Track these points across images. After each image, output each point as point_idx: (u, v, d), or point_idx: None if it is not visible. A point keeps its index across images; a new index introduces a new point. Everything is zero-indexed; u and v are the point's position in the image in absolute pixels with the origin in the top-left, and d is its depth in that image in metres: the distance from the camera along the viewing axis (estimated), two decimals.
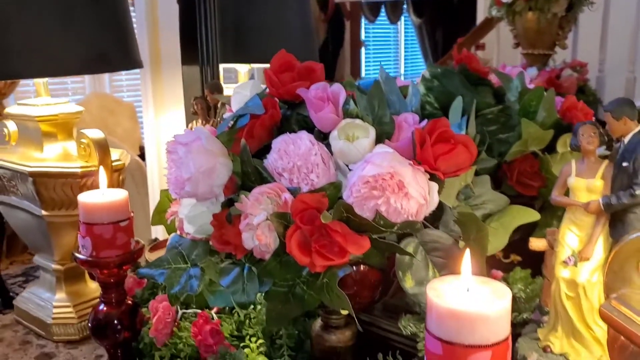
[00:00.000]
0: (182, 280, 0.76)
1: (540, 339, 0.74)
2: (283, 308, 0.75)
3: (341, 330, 0.94)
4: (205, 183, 0.74)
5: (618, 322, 0.48)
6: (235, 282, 0.76)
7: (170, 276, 0.76)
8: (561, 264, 0.70)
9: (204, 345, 0.96)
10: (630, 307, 0.48)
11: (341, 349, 0.93)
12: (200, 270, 0.76)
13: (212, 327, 0.96)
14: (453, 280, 0.59)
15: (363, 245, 0.69)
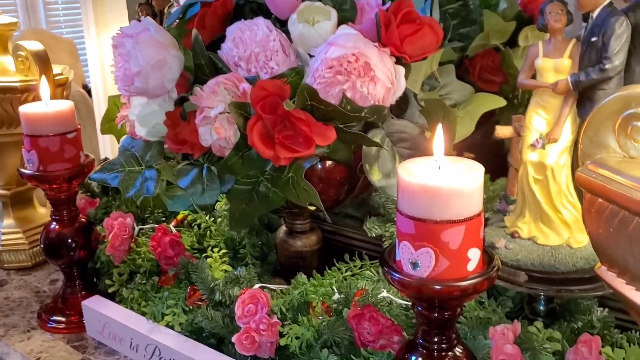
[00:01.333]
0: (137, 183, 0.72)
1: (507, 226, 0.74)
2: (247, 208, 0.72)
3: (306, 235, 0.92)
4: (156, 77, 0.68)
5: (596, 183, 0.46)
6: (194, 183, 0.72)
7: (124, 179, 0.72)
8: (529, 147, 0.69)
9: (164, 258, 0.92)
10: (607, 167, 0.46)
11: (307, 253, 0.92)
12: (156, 172, 0.72)
13: (172, 238, 0.92)
14: (424, 161, 0.57)
15: (329, 136, 0.65)
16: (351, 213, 1.11)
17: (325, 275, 0.84)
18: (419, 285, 0.55)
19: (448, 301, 0.56)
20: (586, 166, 0.49)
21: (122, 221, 1.01)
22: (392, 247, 0.60)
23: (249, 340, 0.78)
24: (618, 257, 0.47)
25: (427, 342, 0.60)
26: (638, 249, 0.43)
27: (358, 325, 0.71)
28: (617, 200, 0.45)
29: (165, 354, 0.85)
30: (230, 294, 0.85)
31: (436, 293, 0.55)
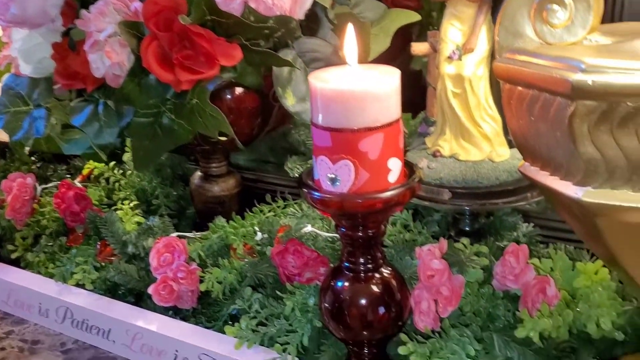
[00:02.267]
0: (25, 124, 0.65)
1: (429, 147, 0.72)
2: (150, 144, 0.66)
3: (223, 179, 0.87)
4: (35, 1, 0.61)
5: (514, 70, 0.44)
6: (90, 121, 0.66)
7: (9, 121, 0.64)
8: (445, 60, 0.67)
9: (70, 214, 0.85)
10: (526, 53, 0.44)
11: (225, 198, 0.87)
12: (45, 111, 0.65)
13: (76, 192, 0.85)
14: (336, 69, 0.53)
15: (234, 55, 0.60)
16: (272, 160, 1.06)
17: (247, 217, 0.79)
18: (340, 201, 0.51)
19: (371, 216, 0.53)
20: (504, 56, 0.46)
21: (22, 181, 0.93)
22: (310, 168, 0.57)
23: (167, 290, 0.73)
24: (541, 147, 0.45)
25: (352, 264, 0.57)
26: (560, 132, 0.41)
27: (282, 260, 0.67)
28: (537, 84, 0.42)
29: (77, 315, 0.79)
30: (144, 245, 0.80)
31: (358, 207, 0.51)
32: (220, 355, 0.67)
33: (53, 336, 0.82)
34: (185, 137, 0.66)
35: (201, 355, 0.68)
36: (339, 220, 0.56)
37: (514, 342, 0.57)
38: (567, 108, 0.40)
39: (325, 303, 0.59)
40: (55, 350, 0.79)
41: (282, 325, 0.65)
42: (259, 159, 1.06)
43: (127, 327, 0.74)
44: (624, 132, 0.39)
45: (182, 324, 0.72)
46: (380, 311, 0.57)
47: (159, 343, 0.71)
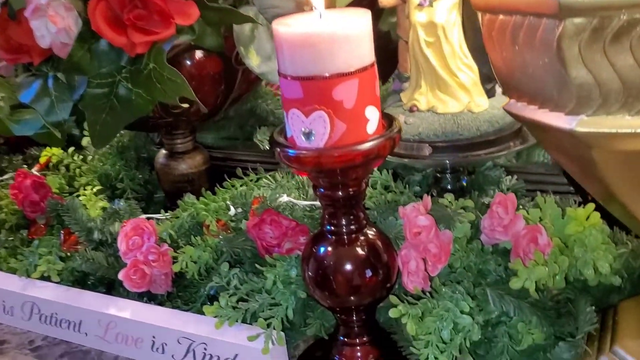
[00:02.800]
0: None
1: (404, 103, 0.69)
2: (108, 117, 0.61)
3: (190, 155, 0.83)
4: None
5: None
6: (40, 96, 0.61)
7: None
8: (416, 8, 0.63)
9: (29, 204, 0.80)
10: None
11: (193, 176, 0.83)
12: None
13: (34, 180, 0.80)
14: (302, 15, 0.50)
15: (190, 13, 0.56)
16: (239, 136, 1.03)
17: (218, 193, 0.75)
18: (317, 156, 0.48)
19: (351, 172, 0.50)
20: None
21: None
22: (282, 126, 0.53)
23: (139, 275, 0.69)
24: (528, 79, 0.42)
25: (334, 226, 0.54)
26: (548, 58, 0.38)
27: (259, 232, 0.64)
28: (519, 7, 0.40)
29: (45, 310, 0.74)
30: (111, 230, 0.75)
31: (337, 162, 0.48)
32: (200, 336, 0.63)
33: (20, 334, 0.77)
34: (144, 107, 0.62)
35: (180, 339, 0.64)
36: (317, 179, 0.52)
37: (508, 296, 0.55)
38: (554, 29, 0.37)
39: (308, 272, 0.56)
40: (23, 349, 0.74)
41: (264, 300, 0.62)
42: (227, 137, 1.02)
43: (99, 317, 0.70)
44: (617, 50, 0.36)
45: (157, 309, 0.68)
46: (368, 274, 0.54)
47: (134, 330, 0.67)
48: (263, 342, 0.59)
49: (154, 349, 0.67)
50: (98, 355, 0.71)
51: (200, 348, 0.63)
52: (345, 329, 0.59)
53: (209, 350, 0.63)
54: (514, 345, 0.55)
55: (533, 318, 0.55)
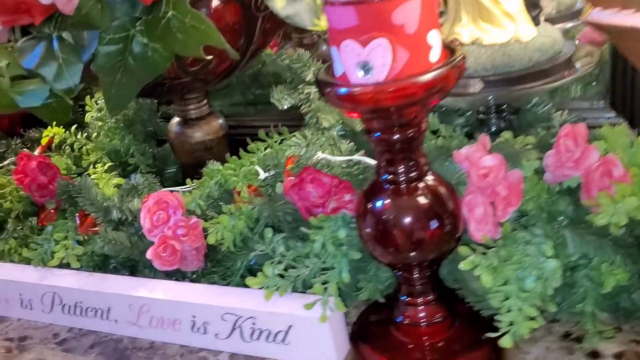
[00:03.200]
0: None
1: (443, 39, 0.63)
2: (123, 78, 0.55)
3: (206, 121, 0.77)
4: None
5: None
6: (46, 60, 0.55)
7: None
8: None
9: (37, 188, 0.74)
10: None
11: (212, 143, 0.77)
12: None
13: (40, 160, 0.74)
14: None
15: None
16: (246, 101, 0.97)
17: (243, 157, 0.69)
18: (378, 91, 0.42)
19: (411, 108, 0.44)
20: None
21: None
22: (325, 67, 0.47)
23: (169, 251, 0.63)
24: None
25: (392, 174, 0.49)
26: None
27: (300, 193, 0.58)
28: None
29: (67, 299, 0.69)
30: (130, 208, 0.69)
31: (399, 96, 0.42)
32: (247, 310, 0.58)
33: (42, 329, 0.71)
34: (161, 65, 0.56)
35: (224, 316, 0.59)
36: (372, 121, 0.47)
37: (589, 235, 0.50)
38: None
39: (366, 229, 0.51)
40: (48, 343, 0.69)
41: (314, 265, 0.56)
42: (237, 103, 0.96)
43: (130, 301, 0.64)
44: None
45: (195, 286, 0.63)
46: (433, 226, 0.49)
47: (170, 312, 0.62)
48: (320, 310, 0.54)
49: (194, 330, 0.62)
50: (131, 343, 0.66)
51: (247, 323, 0.58)
52: (408, 288, 0.54)
53: (258, 324, 0.58)
54: (596, 288, 0.51)
55: (616, 257, 0.50)
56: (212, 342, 0.61)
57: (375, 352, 0.56)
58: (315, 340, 0.56)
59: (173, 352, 0.63)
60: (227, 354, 0.61)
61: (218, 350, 0.62)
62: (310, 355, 0.57)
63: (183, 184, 0.75)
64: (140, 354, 0.64)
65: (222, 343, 0.61)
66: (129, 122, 0.82)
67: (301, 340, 0.57)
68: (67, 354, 0.66)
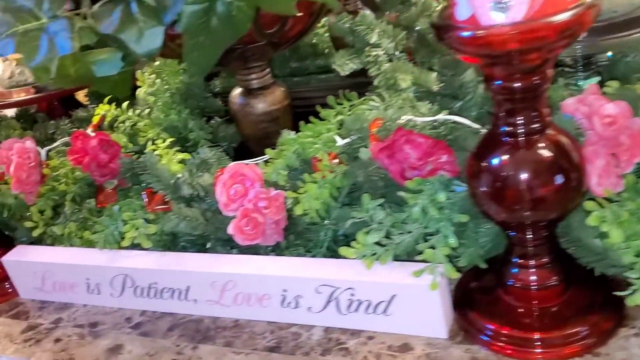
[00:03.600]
0: (43, 43, 0.50)
1: None
2: (205, 39, 0.52)
3: (270, 90, 0.74)
4: None
5: None
6: (125, 25, 0.51)
7: (22, 43, 0.49)
8: None
9: (97, 167, 0.71)
10: None
11: (278, 112, 0.74)
12: (67, 21, 0.50)
13: (102, 138, 0.70)
14: None
15: None
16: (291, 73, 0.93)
17: (316, 125, 0.66)
18: (516, 32, 0.39)
19: (538, 52, 0.41)
20: None
21: (21, 146, 0.77)
22: (443, 11, 0.44)
23: (252, 225, 0.61)
24: None
25: (512, 127, 0.46)
26: None
27: (397, 155, 0.55)
28: None
29: (141, 281, 0.66)
30: (200, 183, 0.66)
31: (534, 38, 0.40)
32: (345, 281, 0.55)
33: (112, 313, 0.69)
34: (244, 25, 0.53)
35: (319, 288, 0.57)
36: (493, 68, 0.44)
37: None
38: None
39: (480, 188, 0.48)
40: (122, 327, 0.66)
41: (415, 230, 0.54)
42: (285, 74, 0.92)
43: (213, 278, 0.61)
44: None
45: (286, 259, 0.60)
46: (558, 181, 0.46)
47: (259, 287, 0.59)
48: (428, 278, 0.51)
49: (284, 305, 0.59)
50: (213, 322, 0.63)
51: (345, 295, 0.56)
52: (521, 249, 0.52)
53: (357, 295, 0.55)
54: None
55: None
56: (303, 317, 0.59)
57: (483, 318, 0.54)
58: (421, 310, 0.53)
59: (261, 329, 0.61)
60: (321, 328, 0.59)
61: (310, 324, 0.59)
62: (415, 325, 0.54)
63: (247, 157, 0.72)
64: (226, 333, 0.61)
65: (315, 317, 0.58)
66: (185, 96, 0.78)
67: (405, 310, 0.54)
68: (145, 337, 0.64)
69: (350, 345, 0.56)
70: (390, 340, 0.55)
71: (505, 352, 0.51)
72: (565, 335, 0.51)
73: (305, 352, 0.56)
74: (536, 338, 0.50)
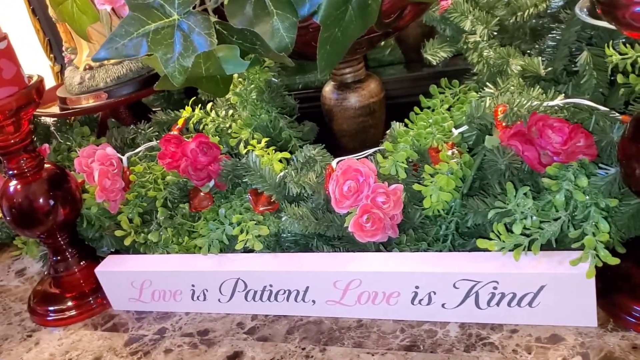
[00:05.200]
0: (177, 41, 0.49)
1: None
2: (339, 33, 0.51)
3: (367, 83, 0.73)
4: None
5: None
6: (260, 19, 0.51)
7: (155, 41, 0.48)
8: None
9: (195, 171, 0.70)
10: None
11: (376, 105, 0.73)
12: (200, 17, 0.49)
13: (201, 140, 0.69)
14: None
15: None
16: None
17: (425, 114, 0.66)
18: None
19: None
20: None
21: (103, 153, 0.77)
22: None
23: (373, 221, 0.60)
24: None
25: None
26: None
27: (539, 140, 0.55)
28: None
29: (254, 284, 0.65)
30: (308, 181, 0.66)
31: None
32: (488, 274, 0.54)
33: (220, 320, 0.68)
34: (373, 16, 0.52)
35: (458, 283, 0.56)
36: None
37: None
38: None
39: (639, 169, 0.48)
40: (236, 334, 0.65)
41: (563, 218, 0.53)
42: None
43: (335, 278, 0.61)
44: None
45: (417, 255, 0.59)
46: None
47: (387, 284, 0.59)
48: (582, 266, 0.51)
49: (415, 302, 0.58)
50: (334, 323, 0.63)
51: (486, 289, 0.55)
52: None
53: (500, 288, 0.55)
54: None
55: None
56: (435, 313, 0.58)
57: (629, 301, 0.53)
58: (572, 299, 0.53)
59: (389, 328, 0.60)
60: (456, 324, 0.58)
61: (444, 321, 0.58)
62: (562, 315, 0.54)
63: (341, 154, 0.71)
64: (352, 334, 0.61)
65: (449, 313, 0.58)
66: (273, 95, 0.77)
67: (553, 300, 0.53)
68: (265, 342, 0.63)
69: (494, 340, 0.55)
70: (536, 332, 0.55)
71: None
72: None
73: (446, 349, 0.56)
74: None
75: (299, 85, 0.97)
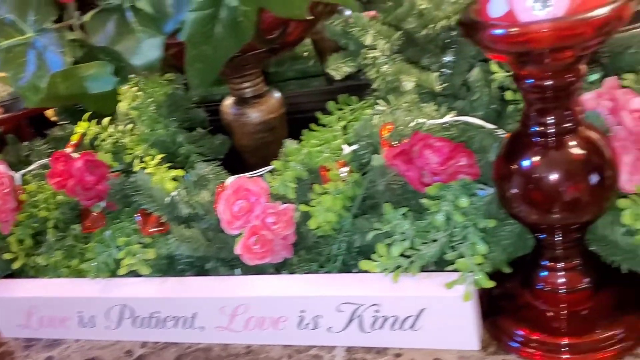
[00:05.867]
0: (30, 59, 0.47)
1: None
2: (208, 49, 0.50)
3: (266, 99, 0.72)
4: None
5: None
6: (121, 35, 0.49)
7: (7, 59, 0.46)
8: None
9: (83, 190, 0.67)
10: None
11: (275, 121, 0.72)
12: (55, 34, 0.47)
13: (87, 158, 0.67)
14: None
15: None
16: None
17: (320, 131, 0.65)
18: (555, 29, 0.39)
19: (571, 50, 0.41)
20: None
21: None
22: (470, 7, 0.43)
23: (262, 243, 0.59)
24: None
25: (543, 126, 0.45)
26: None
27: (417, 160, 0.54)
28: None
29: (141, 311, 0.63)
30: (199, 201, 0.64)
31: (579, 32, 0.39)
32: (369, 297, 0.54)
33: (108, 347, 0.66)
34: (248, 32, 0.51)
35: (341, 306, 0.55)
36: (524, 67, 0.43)
37: None
38: None
39: (511, 190, 0.47)
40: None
41: (441, 239, 0.53)
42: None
43: (222, 303, 0.59)
44: None
45: (301, 277, 0.58)
46: (593, 180, 0.46)
47: (274, 309, 0.57)
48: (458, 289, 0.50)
49: (301, 326, 0.57)
50: (224, 350, 0.61)
51: (369, 312, 0.54)
52: (551, 251, 0.51)
53: (382, 311, 0.54)
54: None
55: None
56: (323, 338, 0.57)
57: (512, 324, 0.53)
58: (452, 322, 0.52)
59: (277, 353, 0.59)
60: (343, 349, 0.57)
61: (331, 345, 0.57)
62: (445, 338, 0.53)
63: (238, 169, 0.69)
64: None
65: (336, 337, 0.57)
66: (171, 108, 0.76)
67: (434, 323, 0.53)
68: None
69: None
70: (420, 356, 0.54)
71: (535, 358, 0.51)
72: (600, 339, 0.50)
73: None
74: (564, 344, 0.50)
75: (219, 97, 0.95)
